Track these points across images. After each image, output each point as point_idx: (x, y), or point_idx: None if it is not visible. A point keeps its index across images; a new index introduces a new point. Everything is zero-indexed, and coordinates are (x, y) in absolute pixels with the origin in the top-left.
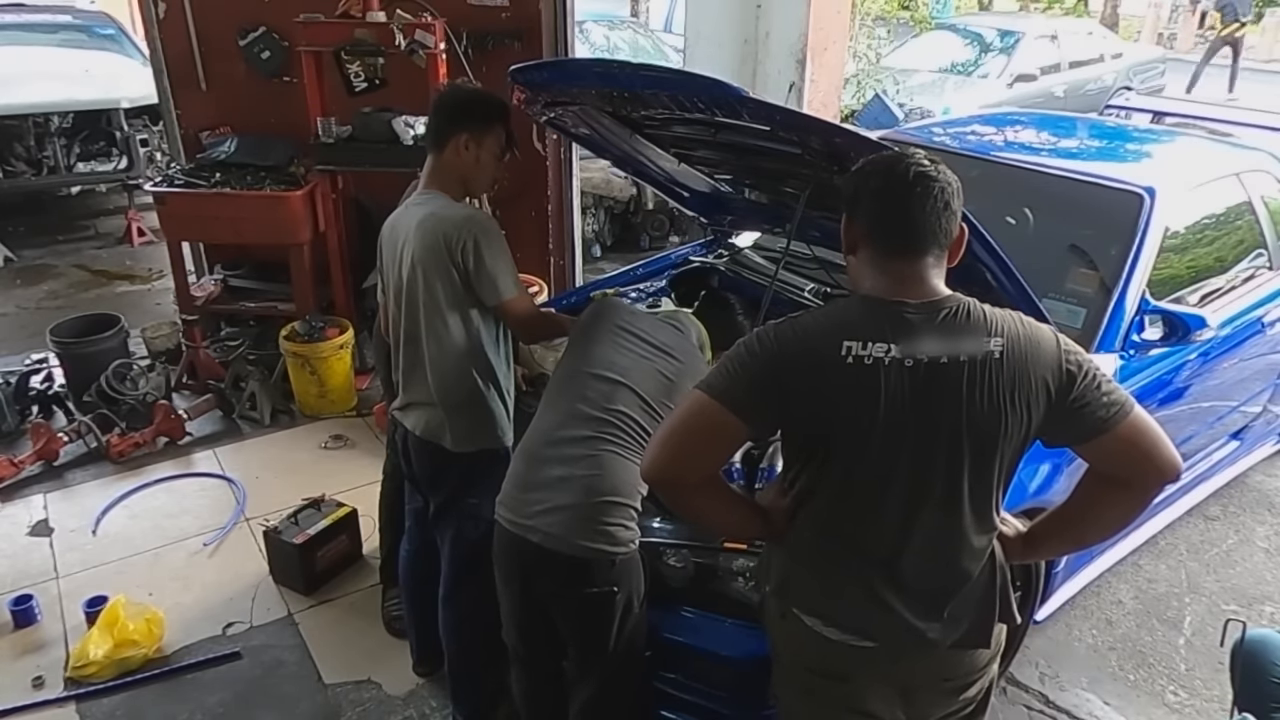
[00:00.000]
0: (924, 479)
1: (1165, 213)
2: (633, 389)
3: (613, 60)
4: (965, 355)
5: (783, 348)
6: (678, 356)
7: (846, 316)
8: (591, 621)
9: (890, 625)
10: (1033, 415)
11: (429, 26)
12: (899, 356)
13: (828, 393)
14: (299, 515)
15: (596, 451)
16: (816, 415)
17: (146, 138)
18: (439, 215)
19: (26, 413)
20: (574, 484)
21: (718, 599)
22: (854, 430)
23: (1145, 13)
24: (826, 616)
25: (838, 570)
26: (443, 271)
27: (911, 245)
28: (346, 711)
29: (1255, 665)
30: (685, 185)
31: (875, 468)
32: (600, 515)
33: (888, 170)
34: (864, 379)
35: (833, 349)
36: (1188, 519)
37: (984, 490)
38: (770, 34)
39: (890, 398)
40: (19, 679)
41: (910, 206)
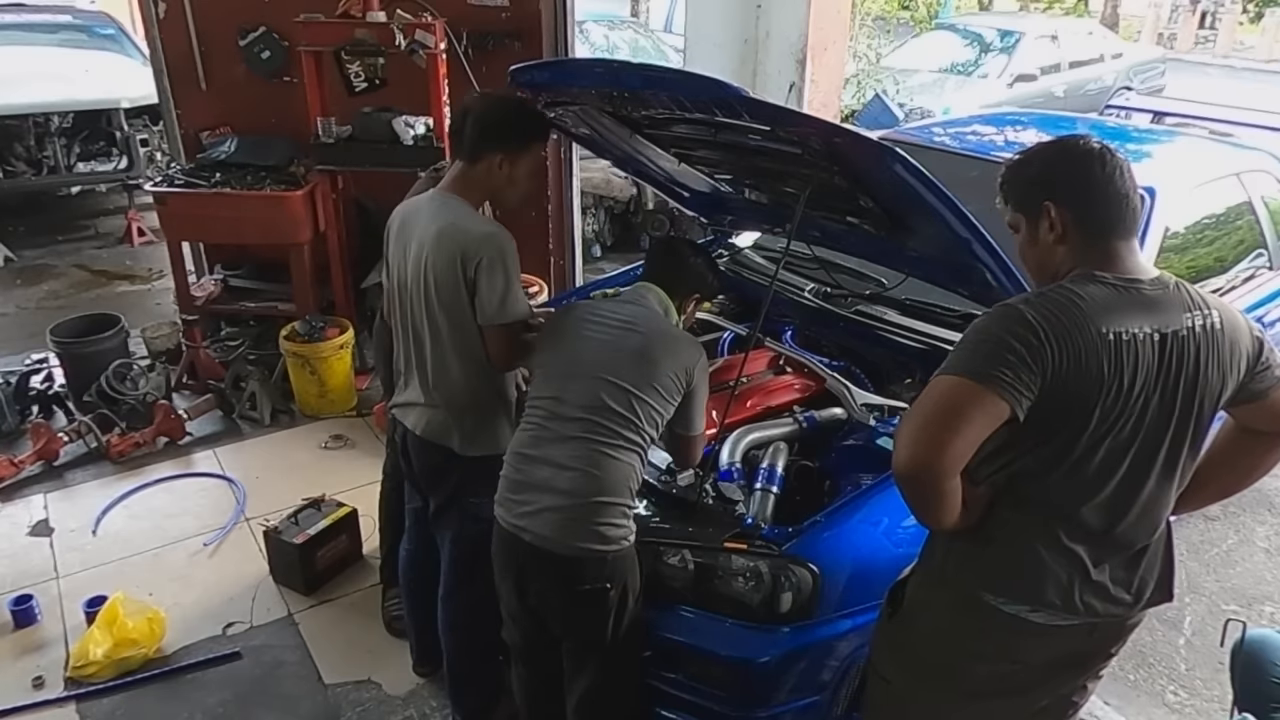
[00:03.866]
0: (1154, 447)
1: (1165, 213)
2: (609, 380)
3: (613, 60)
4: (1197, 325)
5: (1046, 327)
6: (640, 328)
7: (1097, 297)
8: (585, 617)
9: (1095, 598)
10: (1238, 378)
11: (429, 26)
12: (1150, 331)
13: (1087, 372)
14: (299, 515)
15: (583, 452)
16: (1073, 394)
17: (146, 138)
18: (460, 227)
19: (26, 413)
20: (562, 486)
21: (718, 599)
22: (1107, 406)
23: (1145, 13)
24: (1033, 599)
25: (1050, 550)
26: (455, 284)
27: (1129, 226)
28: (346, 711)
29: (1255, 665)
30: (685, 185)
31: (1117, 442)
32: (591, 515)
33: (1090, 155)
34: (1122, 356)
35: (1093, 327)
36: (1188, 519)
37: (1196, 452)
38: (770, 34)
39: (1145, 371)
40: (19, 679)
41: (1125, 191)
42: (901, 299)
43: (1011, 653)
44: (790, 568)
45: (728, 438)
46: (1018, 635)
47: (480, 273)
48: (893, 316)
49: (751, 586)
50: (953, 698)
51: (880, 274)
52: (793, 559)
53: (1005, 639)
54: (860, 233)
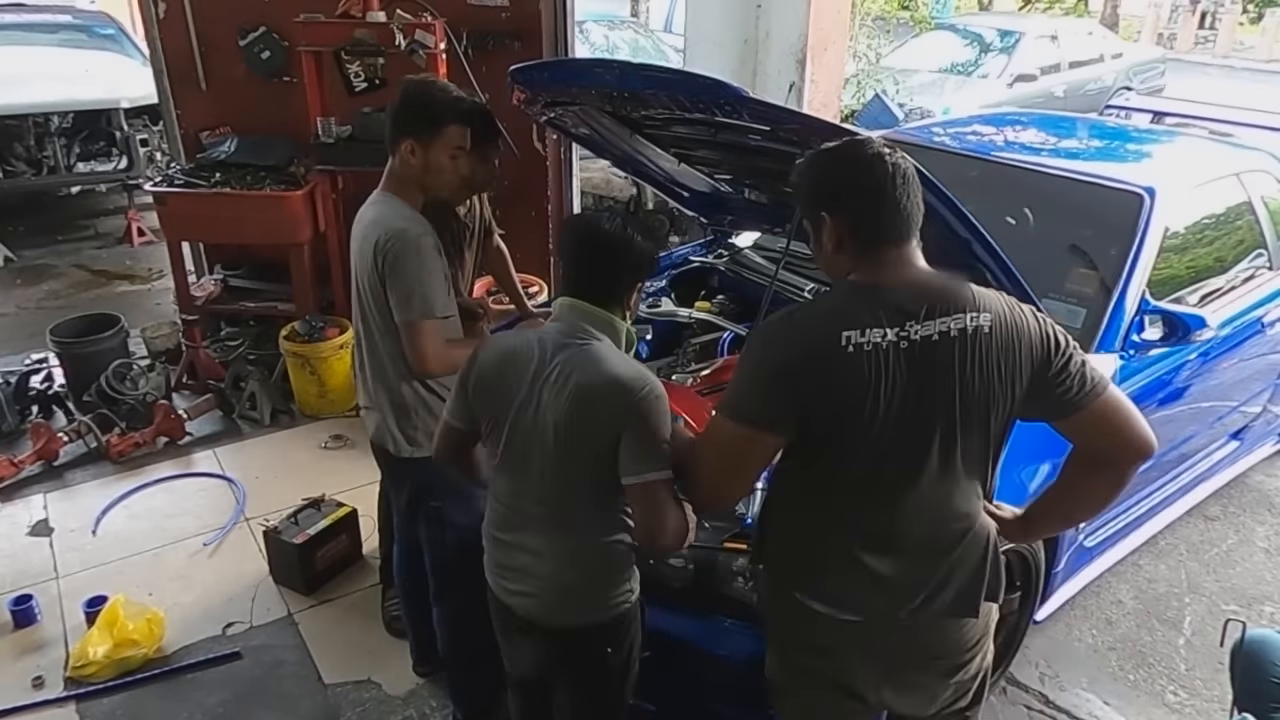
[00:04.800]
0: (920, 453)
1: (1165, 213)
2: (567, 449)
3: (613, 60)
4: (955, 330)
5: (787, 350)
6: (574, 388)
7: (841, 307)
8: (584, 682)
9: (878, 597)
10: (1017, 388)
11: (429, 26)
12: (894, 339)
13: (835, 384)
14: (299, 515)
15: (558, 544)
16: (826, 407)
17: (146, 138)
18: (376, 222)
19: (26, 413)
20: (544, 573)
21: (718, 599)
22: (858, 415)
23: (1145, 13)
24: (815, 591)
25: (826, 545)
26: (375, 283)
27: (901, 234)
28: (346, 711)
29: (1255, 665)
30: (685, 185)
31: (875, 447)
32: (575, 600)
33: (860, 164)
34: (865, 365)
35: (833, 340)
36: (1188, 519)
37: (975, 461)
38: (770, 34)
39: (890, 380)
40: (19, 679)
41: (896, 198)
42: None
43: (816, 642)
44: None
45: None
46: (814, 626)
47: (387, 269)
48: None
49: (751, 586)
50: (808, 688)
51: None
52: None
53: (808, 628)
54: None
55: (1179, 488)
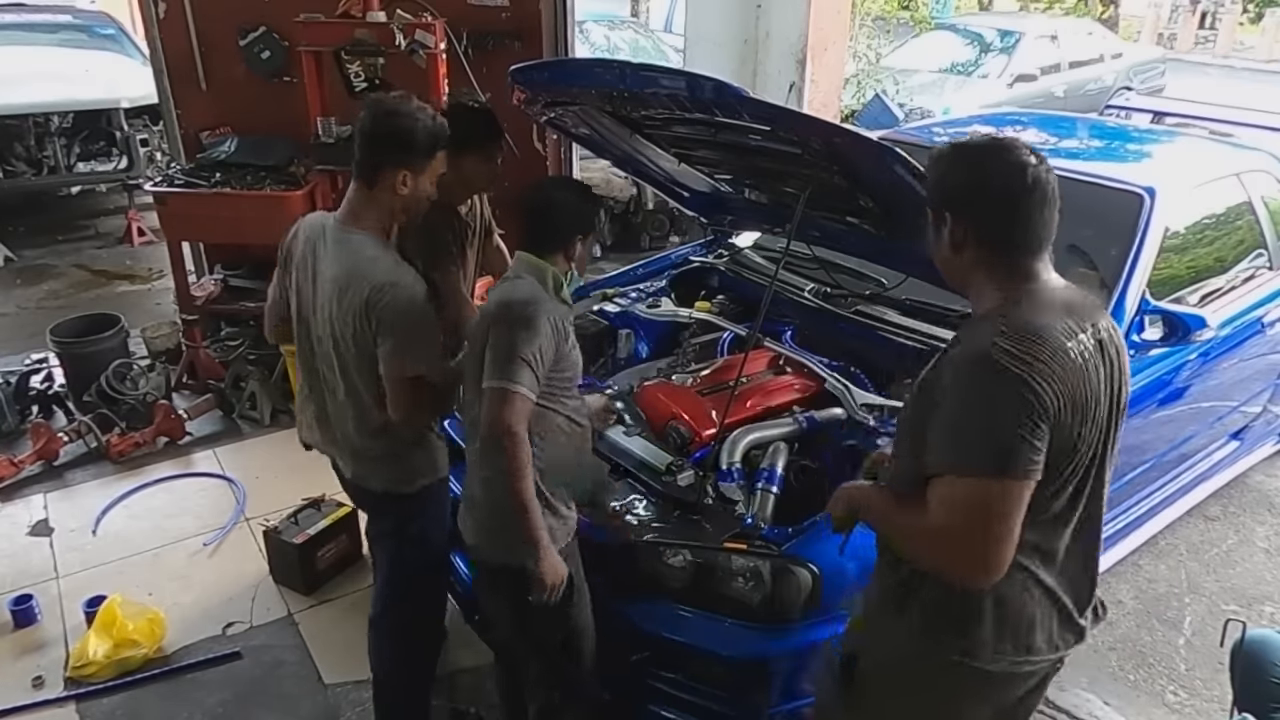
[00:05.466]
0: (1102, 459)
1: (1165, 213)
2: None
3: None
4: (1104, 331)
5: (1044, 381)
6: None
7: (1047, 317)
8: (503, 605)
9: (1072, 633)
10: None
11: (429, 26)
12: (1092, 341)
13: (1075, 403)
14: (299, 515)
15: (480, 472)
16: (1068, 431)
17: (146, 138)
18: (359, 273)
19: (26, 413)
20: (480, 503)
21: (718, 599)
22: (1085, 429)
23: (1145, 13)
24: (1020, 649)
25: (1035, 594)
26: (361, 333)
27: (1041, 244)
28: (346, 711)
29: (1255, 665)
30: (685, 185)
31: (1080, 464)
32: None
33: (1017, 173)
34: (1089, 373)
35: (1069, 354)
36: (1188, 519)
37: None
38: (770, 34)
39: (1098, 381)
40: (19, 679)
41: (1035, 209)
42: (901, 299)
43: (984, 702)
44: (790, 568)
45: (728, 438)
46: (992, 687)
47: (381, 326)
48: (893, 316)
49: (751, 586)
50: None
51: (880, 274)
52: (793, 559)
53: (980, 691)
54: (860, 233)
55: (1179, 488)
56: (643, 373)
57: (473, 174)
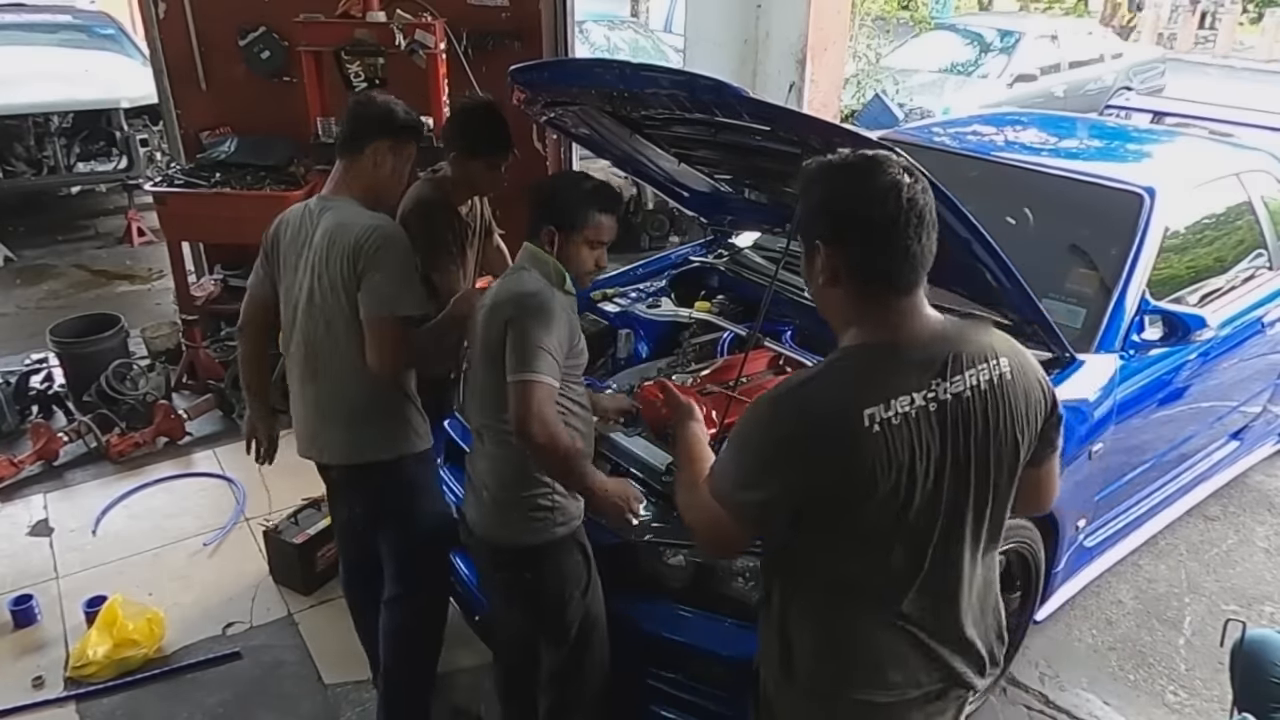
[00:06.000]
0: (959, 521)
1: (1165, 213)
2: (484, 390)
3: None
4: (983, 382)
5: (798, 447)
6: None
7: (858, 378)
8: (517, 604)
9: (939, 671)
10: (1033, 433)
11: (429, 26)
12: (923, 404)
13: (857, 467)
14: (299, 515)
15: (485, 456)
16: (843, 489)
17: (146, 138)
18: (346, 224)
19: (26, 413)
20: (489, 486)
21: (718, 599)
22: (887, 492)
23: (1145, 13)
24: (880, 685)
25: (878, 636)
26: (349, 282)
27: (916, 278)
28: (346, 711)
29: (1255, 665)
30: (685, 185)
31: (914, 529)
32: (506, 509)
33: (872, 194)
34: (893, 442)
35: (855, 423)
36: (1188, 519)
37: (1002, 515)
38: (770, 34)
39: (924, 450)
40: (19, 679)
41: (913, 238)
42: None
43: None
44: None
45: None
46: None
47: (367, 264)
48: None
49: (751, 586)
50: None
51: None
52: None
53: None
54: None
55: (1179, 488)
56: (643, 373)
57: (479, 179)
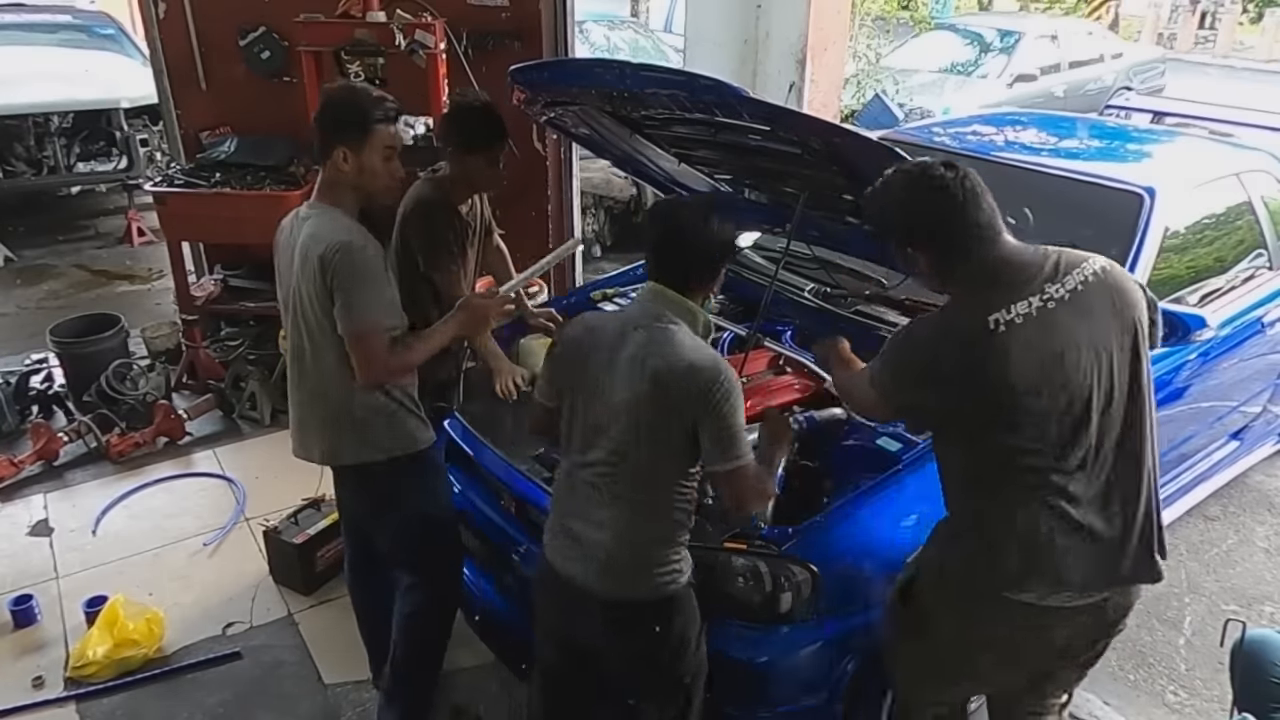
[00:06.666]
0: (1098, 399)
1: (1165, 213)
2: (636, 428)
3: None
4: (1090, 275)
5: (942, 360)
6: (660, 351)
7: (978, 299)
8: (632, 656)
9: (1093, 565)
10: (1142, 310)
11: (429, 26)
12: (1040, 304)
13: (995, 360)
14: (299, 515)
15: (610, 521)
16: (985, 384)
17: (146, 138)
18: (317, 236)
19: (26, 413)
20: (600, 544)
21: (718, 599)
22: (1033, 380)
23: (1145, 13)
24: (1055, 583)
25: (1060, 528)
26: (321, 293)
27: (994, 232)
28: (346, 711)
29: (1255, 665)
30: (685, 185)
31: (1068, 409)
32: (622, 571)
33: (935, 198)
34: (1026, 335)
35: (984, 326)
36: (1188, 519)
37: (1141, 397)
38: (770, 34)
39: (1058, 338)
40: (19, 679)
41: (974, 211)
42: (901, 299)
43: (1029, 639)
44: (790, 568)
45: None
46: (1039, 623)
47: (334, 279)
48: (892, 316)
49: (751, 586)
50: (969, 673)
51: (880, 274)
52: (793, 559)
53: (1024, 627)
54: (860, 233)
55: (1179, 488)
56: None
57: (477, 175)
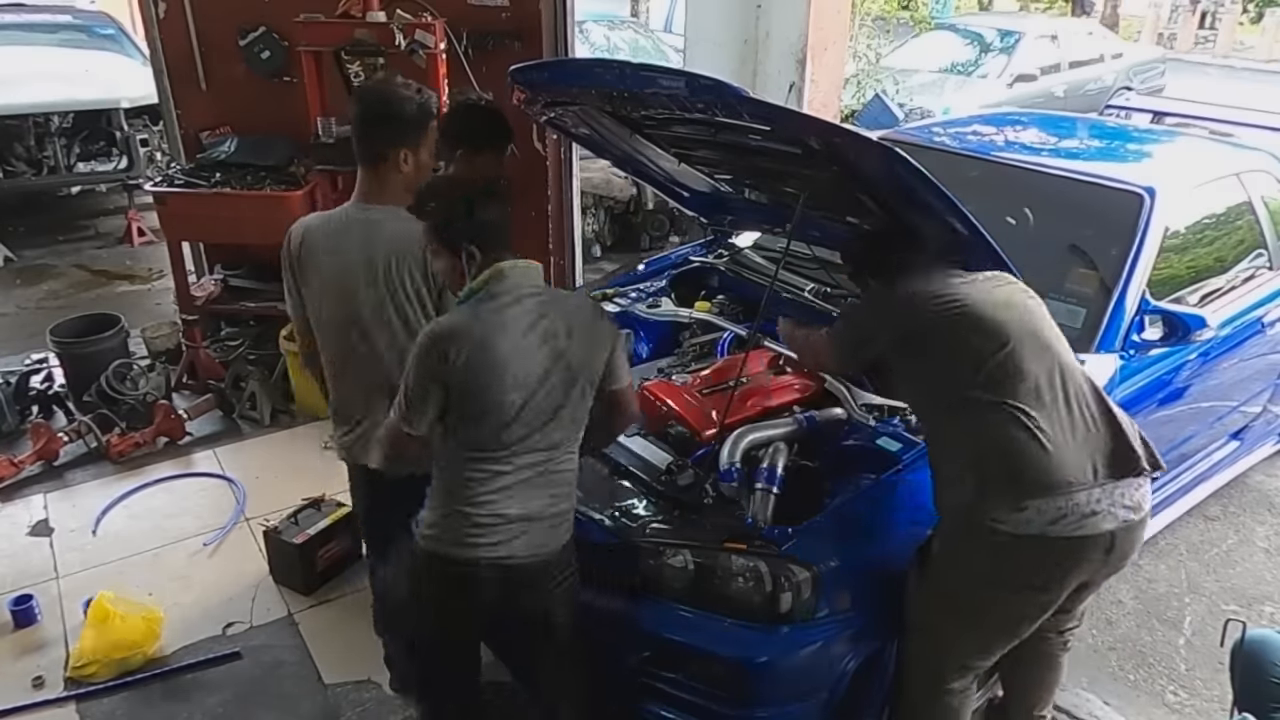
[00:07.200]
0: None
1: (1165, 213)
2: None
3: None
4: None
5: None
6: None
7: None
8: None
9: (1103, 462)
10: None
11: (429, 26)
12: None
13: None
14: (299, 515)
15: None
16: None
17: (146, 138)
18: (404, 236)
19: (26, 413)
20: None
21: (718, 599)
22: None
23: (1145, 13)
24: (1059, 486)
25: (1036, 434)
26: (421, 291)
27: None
28: (346, 711)
29: (1255, 665)
30: (685, 185)
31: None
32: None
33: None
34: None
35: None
36: (1188, 519)
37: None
38: (770, 34)
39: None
40: (19, 679)
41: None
42: None
43: (1048, 576)
44: (790, 568)
45: (728, 438)
46: (1051, 556)
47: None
48: None
49: (751, 586)
50: (998, 631)
51: None
52: (793, 559)
53: (1039, 565)
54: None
55: (1179, 488)
56: (643, 373)
57: (486, 173)
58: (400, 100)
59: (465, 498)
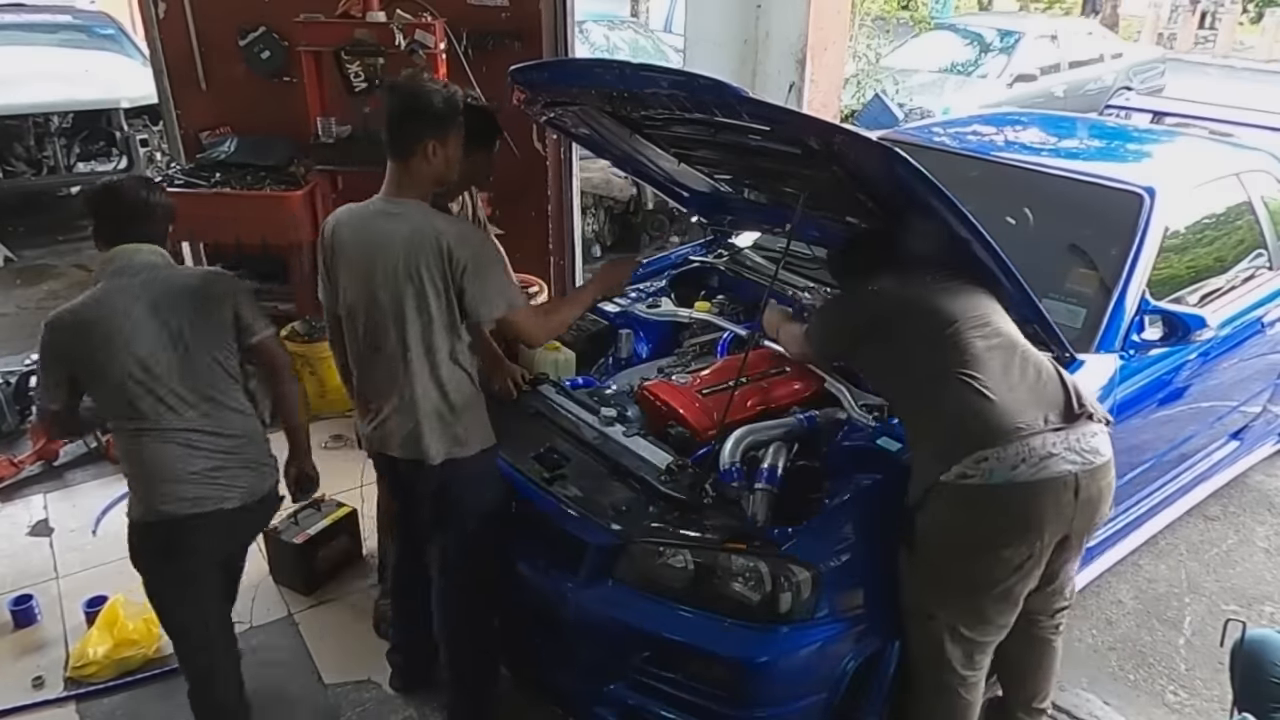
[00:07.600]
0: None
1: (1165, 213)
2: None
3: (613, 60)
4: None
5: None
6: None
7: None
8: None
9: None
10: None
11: (429, 26)
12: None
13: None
14: (299, 515)
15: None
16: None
17: (146, 138)
18: (433, 227)
19: (26, 413)
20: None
21: (718, 599)
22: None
23: (1145, 13)
24: (1011, 433)
25: (980, 392)
26: (439, 285)
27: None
28: (346, 711)
29: (1255, 665)
30: (685, 185)
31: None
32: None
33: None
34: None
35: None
36: (1188, 519)
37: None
38: (770, 34)
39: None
40: (19, 679)
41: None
42: None
43: (1023, 523)
44: (790, 568)
45: (728, 438)
46: (1020, 502)
47: (467, 273)
48: None
49: (751, 586)
50: (988, 594)
51: None
52: (793, 559)
53: (1010, 511)
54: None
55: (1179, 488)
56: (643, 373)
57: (475, 170)
58: (429, 93)
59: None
